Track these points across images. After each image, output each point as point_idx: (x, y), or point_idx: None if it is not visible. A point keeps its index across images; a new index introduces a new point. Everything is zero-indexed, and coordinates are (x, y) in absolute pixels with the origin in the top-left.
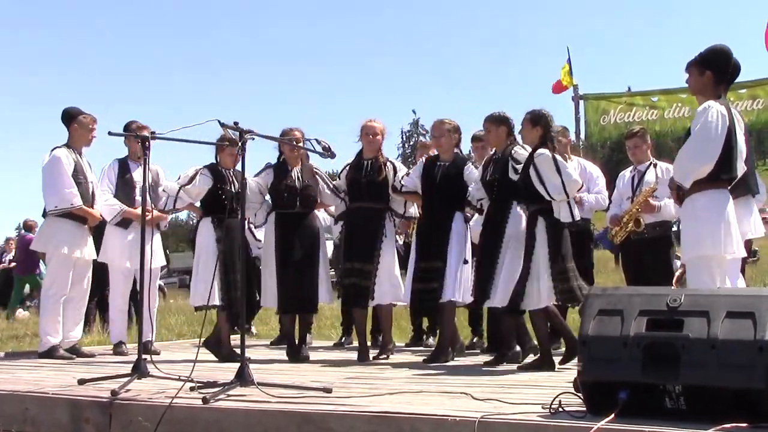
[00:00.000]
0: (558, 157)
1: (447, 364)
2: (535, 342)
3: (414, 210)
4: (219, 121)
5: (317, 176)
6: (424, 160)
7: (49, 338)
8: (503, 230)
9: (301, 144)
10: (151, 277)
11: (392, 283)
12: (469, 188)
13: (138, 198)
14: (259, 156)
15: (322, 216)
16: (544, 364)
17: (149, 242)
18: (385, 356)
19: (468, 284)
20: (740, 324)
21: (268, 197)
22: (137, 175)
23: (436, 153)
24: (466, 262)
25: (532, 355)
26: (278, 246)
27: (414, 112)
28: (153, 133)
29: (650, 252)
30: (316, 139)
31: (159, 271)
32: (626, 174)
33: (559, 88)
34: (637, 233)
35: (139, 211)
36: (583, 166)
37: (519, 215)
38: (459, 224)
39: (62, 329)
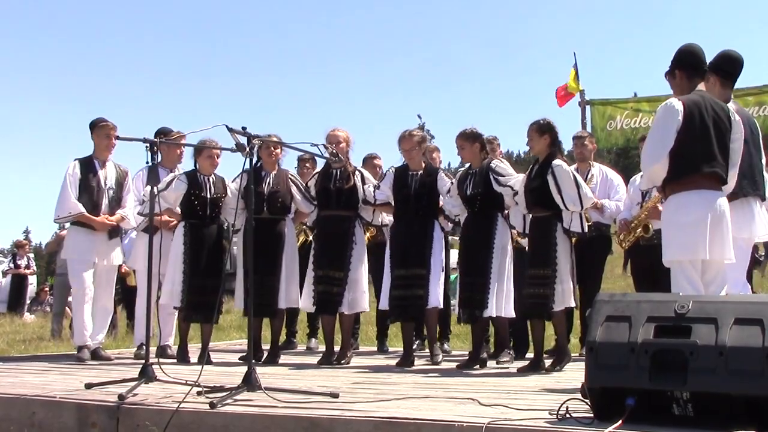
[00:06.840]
0: (575, 173)
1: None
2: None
3: (388, 218)
4: (227, 126)
5: (291, 182)
6: (393, 171)
7: (83, 335)
8: (492, 241)
9: (307, 149)
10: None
11: (360, 291)
12: (443, 201)
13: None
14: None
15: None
16: (564, 357)
17: (166, 247)
18: (346, 360)
19: (443, 290)
20: (748, 331)
21: None
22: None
23: (404, 163)
24: (443, 269)
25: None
26: (244, 250)
27: (419, 117)
28: (160, 137)
29: (659, 258)
30: (324, 145)
31: None
32: (637, 179)
33: (564, 98)
34: (646, 239)
35: (165, 217)
36: (605, 172)
37: (504, 226)
38: (438, 232)
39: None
